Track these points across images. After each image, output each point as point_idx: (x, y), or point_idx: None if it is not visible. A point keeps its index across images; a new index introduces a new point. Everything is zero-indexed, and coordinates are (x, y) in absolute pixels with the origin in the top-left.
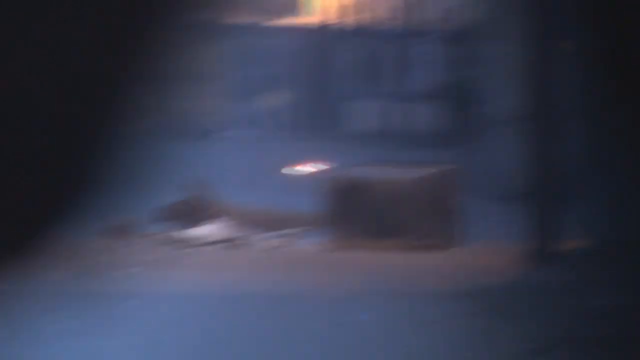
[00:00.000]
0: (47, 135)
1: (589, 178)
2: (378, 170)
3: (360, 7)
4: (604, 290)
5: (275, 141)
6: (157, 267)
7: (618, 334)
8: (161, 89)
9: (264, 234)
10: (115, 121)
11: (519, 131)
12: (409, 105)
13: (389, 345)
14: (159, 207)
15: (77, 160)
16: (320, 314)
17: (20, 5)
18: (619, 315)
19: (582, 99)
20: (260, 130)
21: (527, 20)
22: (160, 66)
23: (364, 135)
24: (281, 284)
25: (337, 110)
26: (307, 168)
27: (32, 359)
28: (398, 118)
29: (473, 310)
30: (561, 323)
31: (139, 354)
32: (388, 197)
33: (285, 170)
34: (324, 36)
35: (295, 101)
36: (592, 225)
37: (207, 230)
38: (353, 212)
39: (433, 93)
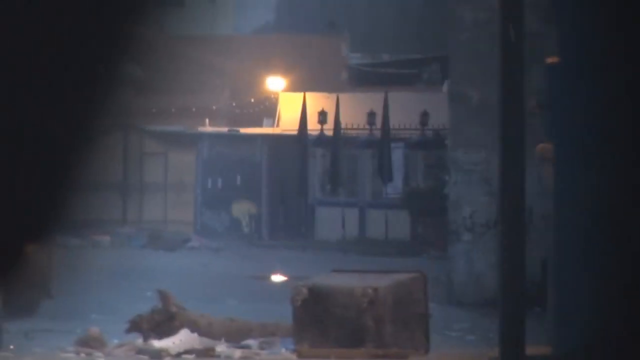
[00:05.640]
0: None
1: (555, 284)
2: (343, 278)
3: (332, 116)
4: None
5: (242, 250)
6: None
7: None
8: (127, 199)
9: (229, 344)
10: (81, 232)
11: (487, 238)
12: (379, 212)
13: None
14: (126, 318)
15: (44, 273)
16: None
17: None
18: None
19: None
20: (227, 239)
21: (498, 127)
22: (129, 176)
23: (333, 242)
24: None
25: (306, 218)
26: (274, 277)
27: None
28: (368, 225)
29: None
30: None
31: None
32: (353, 305)
33: (251, 280)
34: (295, 144)
35: (265, 209)
36: (556, 331)
37: (173, 341)
38: (318, 320)
39: (403, 200)
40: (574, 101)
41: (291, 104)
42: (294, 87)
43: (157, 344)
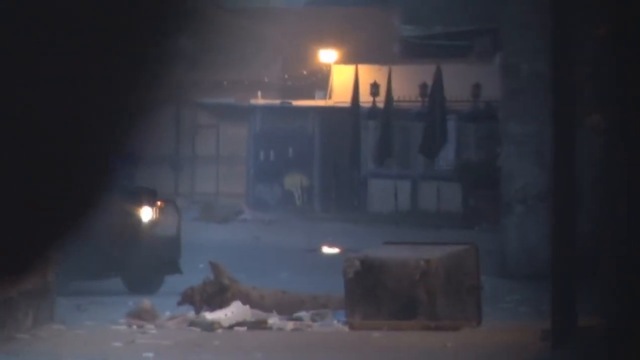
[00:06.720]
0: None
1: (607, 257)
2: (395, 250)
3: (384, 88)
4: None
5: (294, 223)
6: (176, 351)
7: None
8: (180, 171)
9: (280, 316)
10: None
11: (539, 209)
12: (431, 184)
13: None
14: (178, 290)
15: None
16: None
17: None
18: None
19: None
20: (279, 212)
21: (550, 99)
22: (181, 148)
23: (385, 214)
24: None
25: (358, 190)
26: (326, 249)
27: None
28: (421, 197)
29: None
30: None
31: None
32: (405, 277)
33: (303, 252)
34: (347, 116)
35: (317, 182)
36: (608, 304)
37: (225, 313)
38: (370, 292)
39: (455, 172)
40: (624, 71)
41: (343, 76)
42: (346, 60)
43: (209, 316)
